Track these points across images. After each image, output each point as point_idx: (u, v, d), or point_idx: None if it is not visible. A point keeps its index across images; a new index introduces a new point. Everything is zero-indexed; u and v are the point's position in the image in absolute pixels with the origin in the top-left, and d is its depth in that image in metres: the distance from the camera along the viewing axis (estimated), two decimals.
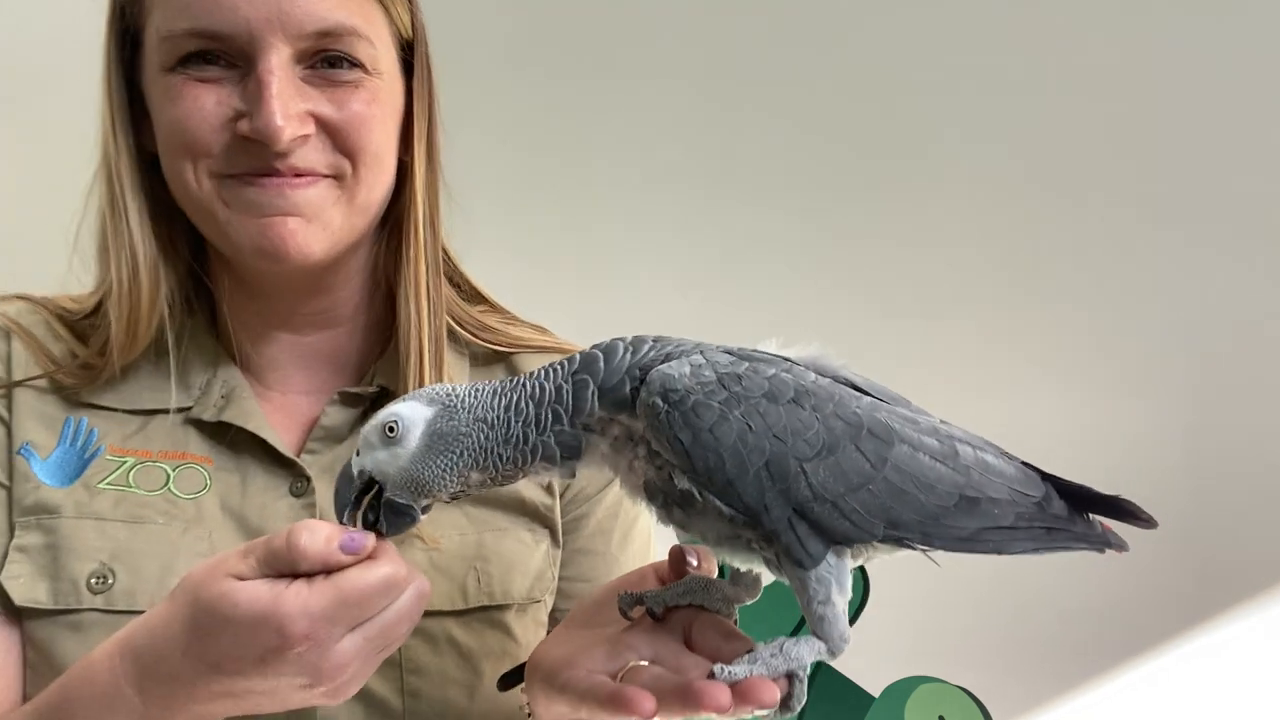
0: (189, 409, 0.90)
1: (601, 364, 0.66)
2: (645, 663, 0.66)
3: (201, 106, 0.82)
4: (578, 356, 0.67)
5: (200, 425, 0.90)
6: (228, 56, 0.82)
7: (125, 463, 0.88)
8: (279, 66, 0.81)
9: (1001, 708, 1.17)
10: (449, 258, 1.00)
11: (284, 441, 0.91)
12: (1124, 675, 1.57)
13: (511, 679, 0.81)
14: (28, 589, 0.82)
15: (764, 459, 0.61)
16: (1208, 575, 1.55)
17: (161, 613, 0.69)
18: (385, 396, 0.92)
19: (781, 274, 1.57)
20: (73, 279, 0.95)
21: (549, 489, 0.96)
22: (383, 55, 0.87)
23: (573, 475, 0.68)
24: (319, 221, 0.85)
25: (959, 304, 1.57)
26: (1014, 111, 1.57)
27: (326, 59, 0.84)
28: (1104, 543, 0.70)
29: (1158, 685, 1.56)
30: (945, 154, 1.58)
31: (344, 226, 0.87)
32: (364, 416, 0.91)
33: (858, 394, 0.66)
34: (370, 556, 0.66)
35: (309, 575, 0.65)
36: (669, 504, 0.66)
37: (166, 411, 0.90)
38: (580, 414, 0.65)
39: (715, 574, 0.72)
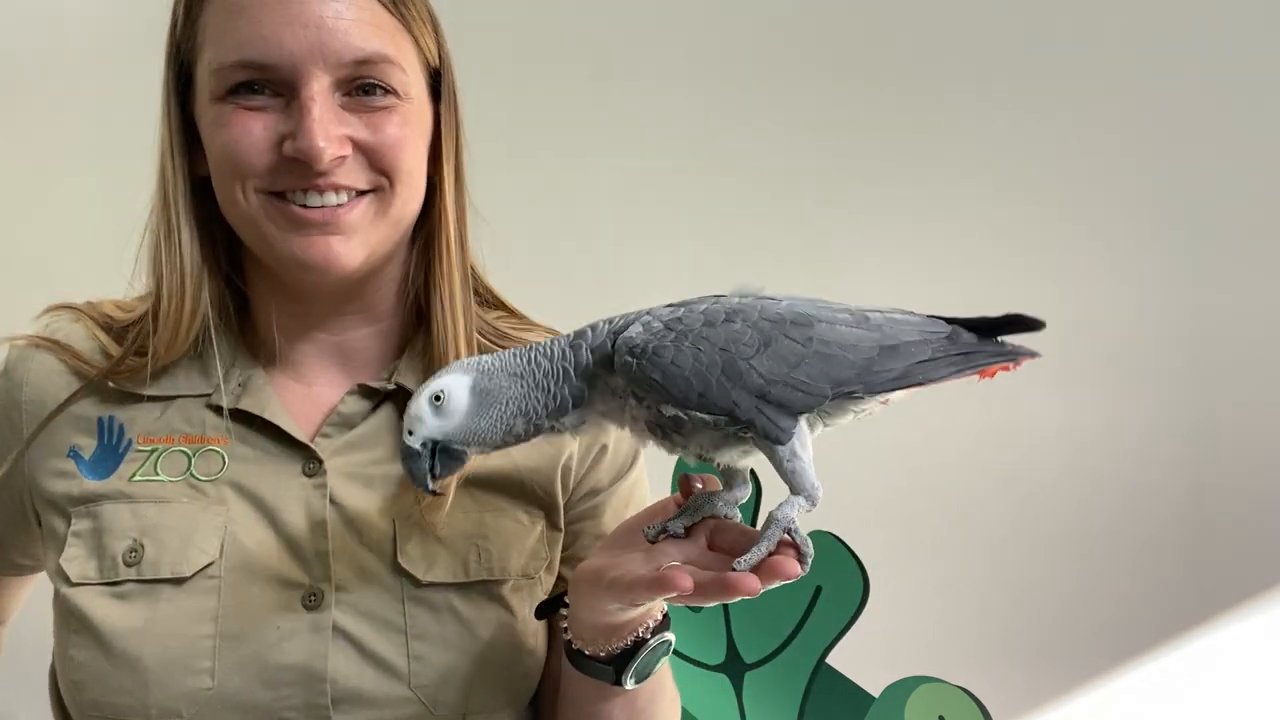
0: (208, 395, 0.99)
1: (590, 333, 0.84)
2: (677, 564, 0.81)
3: (250, 131, 0.90)
4: (573, 330, 0.85)
5: (218, 411, 0.98)
6: (273, 86, 0.91)
7: (153, 451, 0.98)
8: (320, 93, 0.89)
9: (1001, 708, 1.19)
10: (472, 268, 1.07)
11: (302, 428, 0.99)
12: (1124, 675, 1.58)
13: (547, 608, 0.95)
14: (81, 567, 0.94)
15: (719, 369, 0.78)
16: (1208, 575, 1.57)
17: None
18: (401, 393, 1.02)
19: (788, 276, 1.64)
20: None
21: (560, 481, 1.05)
22: (413, 82, 0.96)
23: (581, 423, 0.85)
24: (358, 237, 0.94)
25: (953, 301, 1.62)
26: (1012, 111, 1.60)
27: (362, 86, 0.92)
28: (1014, 355, 0.85)
29: (1158, 685, 1.57)
30: (942, 152, 1.61)
31: (379, 239, 0.96)
32: (376, 409, 1.02)
33: (778, 300, 0.84)
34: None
35: None
36: (667, 434, 0.83)
37: (185, 397, 0.99)
38: (580, 368, 0.83)
39: (718, 488, 0.89)
